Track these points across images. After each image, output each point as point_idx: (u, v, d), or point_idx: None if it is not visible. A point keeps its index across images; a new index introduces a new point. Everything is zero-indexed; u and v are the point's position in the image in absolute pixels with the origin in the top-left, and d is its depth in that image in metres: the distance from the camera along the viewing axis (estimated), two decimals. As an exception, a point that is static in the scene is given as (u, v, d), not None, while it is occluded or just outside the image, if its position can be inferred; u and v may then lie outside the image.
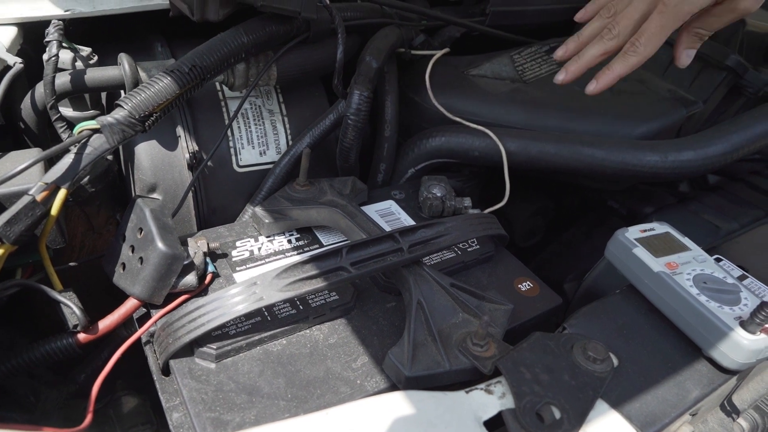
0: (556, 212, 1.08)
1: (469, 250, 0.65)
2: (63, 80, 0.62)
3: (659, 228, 0.60)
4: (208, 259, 0.56)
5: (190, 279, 0.52)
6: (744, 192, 0.91)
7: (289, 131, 0.73)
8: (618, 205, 0.97)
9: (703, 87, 0.80)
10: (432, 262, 0.62)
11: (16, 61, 0.61)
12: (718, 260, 0.63)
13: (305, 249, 0.62)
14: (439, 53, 0.80)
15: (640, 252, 0.55)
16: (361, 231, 0.60)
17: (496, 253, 0.66)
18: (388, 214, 0.71)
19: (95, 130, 0.54)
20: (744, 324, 0.47)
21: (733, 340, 0.47)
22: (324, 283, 0.50)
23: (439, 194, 0.70)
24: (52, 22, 0.62)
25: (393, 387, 0.48)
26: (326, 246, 0.63)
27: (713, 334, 0.48)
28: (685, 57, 0.63)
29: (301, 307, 0.53)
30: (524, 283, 0.63)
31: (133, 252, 0.52)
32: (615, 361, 0.48)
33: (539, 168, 0.73)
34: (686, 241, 0.59)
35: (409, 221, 0.70)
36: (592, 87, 0.65)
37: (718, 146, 0.69)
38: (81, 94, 0.67)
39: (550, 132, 0.75)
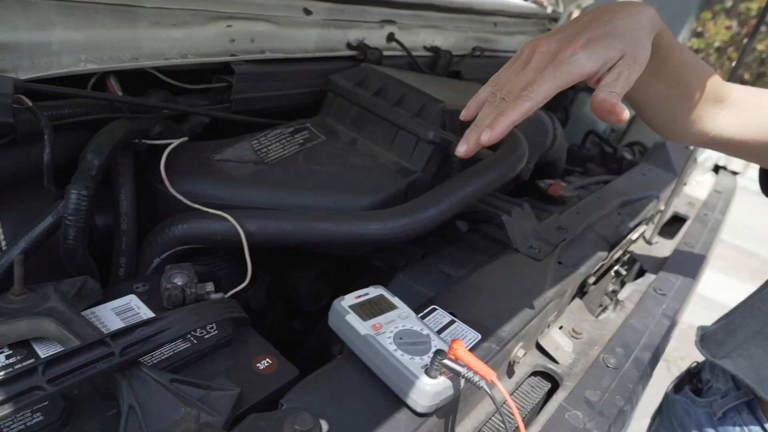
0: (339, 273, 1.15)
1: (206, 337, 0.65)
2: None
3: (373, 291, 0.67)
4: None
5: None
6: (476, 240, 1.07)
7: (2, 237, 0.68)
8: (380, 263, 1.07)
9: (420, 158, 0.94)
10: (164, 356, 0.61)
11: None
12: (433, 310, 0.73)
13: (15, 367, 0.57)
14: (175, 142, 0.82)
15: (351, 318, 0.61)
16: (76, 339, 0.57)
17: (237, 335, 0.67)
18: (127, 310, 0.68)
19: None
20: (427, 370, 0.55)
21: (417, 386, 0.54)
22: (12, 409, 0.46)
23: (179, 283, 0.70)
24: None
25: (98, 506, 0.45)
26: (42, 358, 0.58)
27: (405, 383, 0.55)
28: (620, 111, 0.58)
29: (-9, 439, 0.48)
30: (263, 361, 0.65)
31: None
32: (325, 427, 0.52)
33: (281, 245, 0.78)
34: (395, 300, 0.67)
35: (150, 315, 0.68)
36: (487, 136, 0.58)
37: (428, 212, 0.81)
38: None
39: (288, 210, 0.80)
